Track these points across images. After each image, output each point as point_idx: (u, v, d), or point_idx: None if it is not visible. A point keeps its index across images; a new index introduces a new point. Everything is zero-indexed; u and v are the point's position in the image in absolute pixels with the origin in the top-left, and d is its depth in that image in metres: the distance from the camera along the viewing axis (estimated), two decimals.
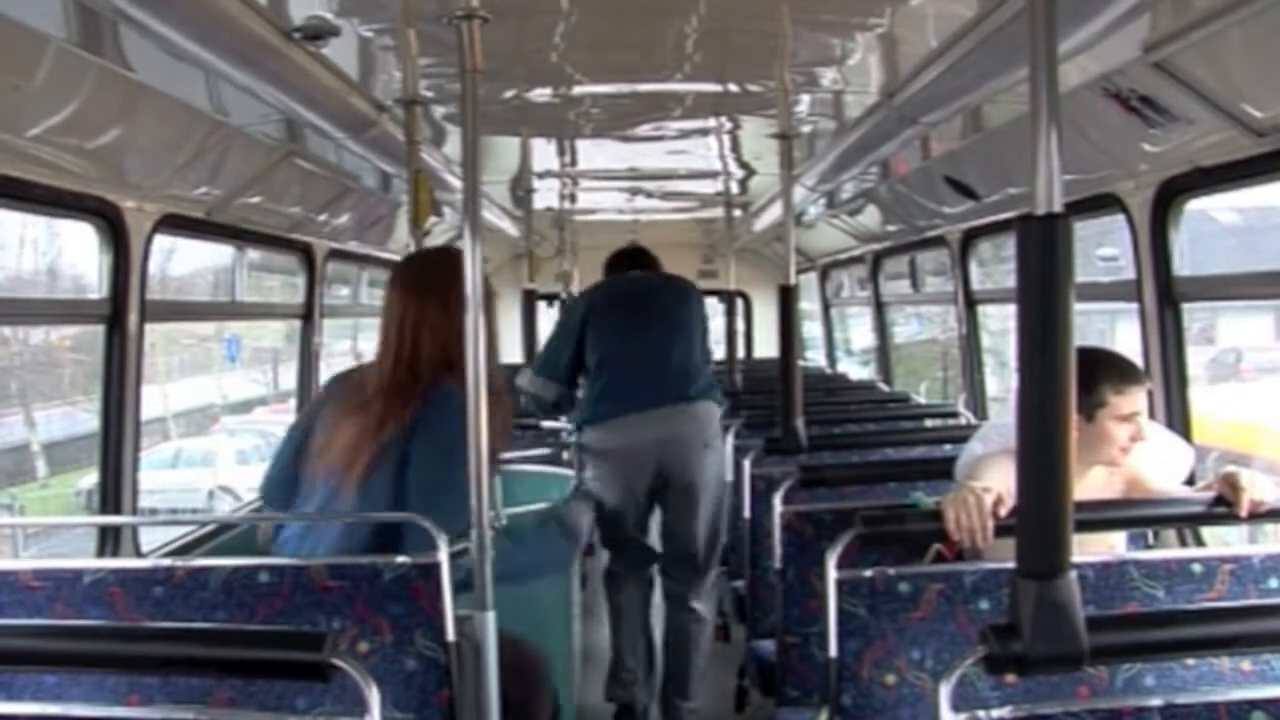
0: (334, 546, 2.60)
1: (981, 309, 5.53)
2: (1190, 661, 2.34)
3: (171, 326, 9.66)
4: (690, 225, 8.48)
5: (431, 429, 2.63)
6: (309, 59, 2.88)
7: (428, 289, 2.75)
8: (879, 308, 7.30)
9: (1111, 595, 2.40)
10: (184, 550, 3.81)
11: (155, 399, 11.91)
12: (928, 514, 2.50)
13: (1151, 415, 2.85)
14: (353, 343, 11.87)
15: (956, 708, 1.81)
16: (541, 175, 5.83)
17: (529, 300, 6.06)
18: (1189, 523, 3.03)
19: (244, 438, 13.58)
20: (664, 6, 2.83)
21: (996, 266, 5.55)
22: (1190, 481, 2.84)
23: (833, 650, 2.40)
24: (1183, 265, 3.33)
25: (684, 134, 4.76)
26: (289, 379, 6.04)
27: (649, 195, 7.12)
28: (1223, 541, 3.13)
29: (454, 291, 2.49)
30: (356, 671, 1.83)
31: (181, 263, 6.10)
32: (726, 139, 4.91)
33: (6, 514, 8.85)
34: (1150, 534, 3.12)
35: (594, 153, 5.32)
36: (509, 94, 3.72)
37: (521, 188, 6.08)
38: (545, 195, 6.59)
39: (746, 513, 3.80)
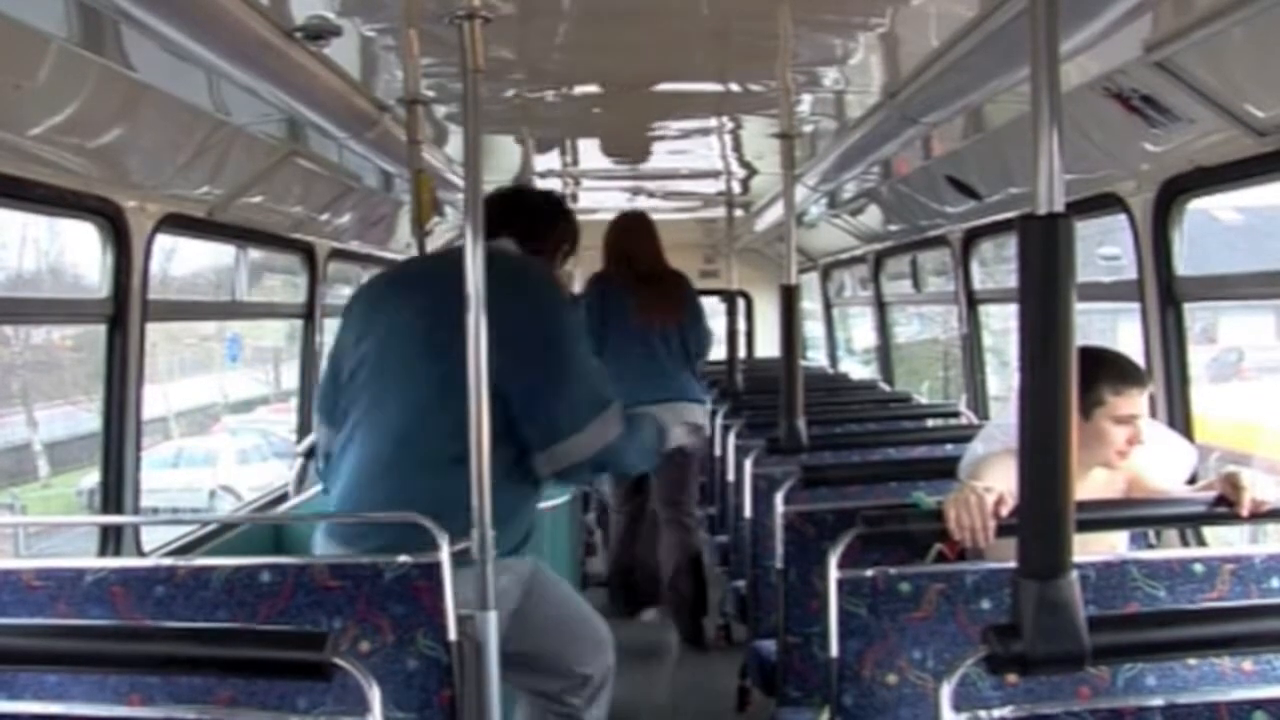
0: None
1: (983, 308, 5.53)
2: (1192, 661, 2.34)
3: (173, 326, 9.66)
4: (692, 225, 8.49)
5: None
6: (310, 58, 2.88)
7: (641, 228, 5.39)
8: (880, 307, 7.30)
9: (1113, 595, 2.40)
10: (185, 550, 3.81)
11: (157, 398, 11.92)
12: (929, 514, 2.50)
13: (1152, 415, 2.85)
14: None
15: (958, 707, 1.81)
16: (543, 175, 5.83)
17: None
18: (1190, 522, 3.03)
19: (245, 437, 13.59)
20: (665, 6, 2.83)
21: (998, 266, 5.55)
22: (1192, 481, 2.84)
23: (834, 650, 2.39)
24: (1181, 264, 3.33)
25: (685, 134, 4.77)
26: (290, 378, 6.04)
27: (650, 195, 7.12)
28: (1224, 541, 3.13)
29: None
30: (358, 671, 1.83)
31: (183, 262, 6.12)
32: (728, 139, 4.92)
33: (8, 513, 8.85)
34: (1152, 534, 3.12)
35: (595, 152, 5.33)
36: (510, 93, 3.72)
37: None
38: None
39: (748, 512, 3.80)
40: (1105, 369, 2.65)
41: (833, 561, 2.40)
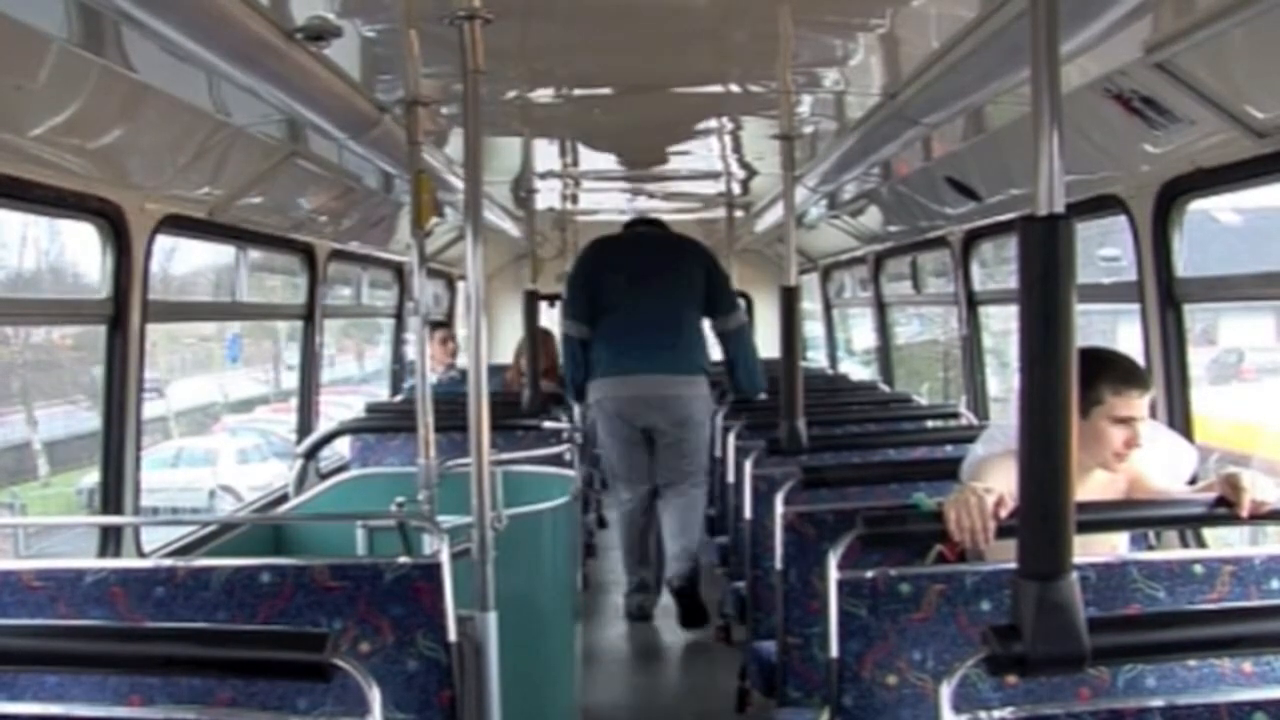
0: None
1: (983, 309, 5.53)
2: (1192, 663, 2.34)
3: (173, 326, 9.68)
4: (692, 226, 8.48)
5: None
6: (311, 59, 2.88)
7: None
8: (880, 308, 7.30)
9: (1113, 596, 2.40)
10: (185, 550, 3.81)
11: (156, 398, 11.93)
12: (929, 515, 2.50)
13: (1152, 415, 2.85)
14: (355, 343, 11.89)
15: (958, 709, 1.81)
16: (543, 176, 5.83)
17: (531, 301, 6.07)
18: (1190, 524, 3.03)
19: (245, 437, 13.59)
20: (665, 7, 2.83)
21: (998, 267, 5.55)
22: (1192, 482, 2.84)
23: (834, 651, 2.40)
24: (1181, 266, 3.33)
25: (686, 134, 4.77)
26: (290, 378, 6.05)
27: (650, 196, 7.12)
28: (1224, 542, 3.13)
29: None
30: (358, 672, 1.83)
31: (183, 262, 6.12)
32: (728, 139, 4.92)
33: (7, 513, 8.86)
34: (1152, 535, 3.11)
35: (595, 153, 5.33)
36: (511, 94, 3.72)
37: (523, 188, 6.08)
38: (547, 196, 6.59)
39: (748, 513, 3.80)
40: (1107, 369, 2.65)
41: (833, 562, 2.40)
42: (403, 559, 2.44)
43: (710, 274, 5.58)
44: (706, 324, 5.69)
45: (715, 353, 6.35)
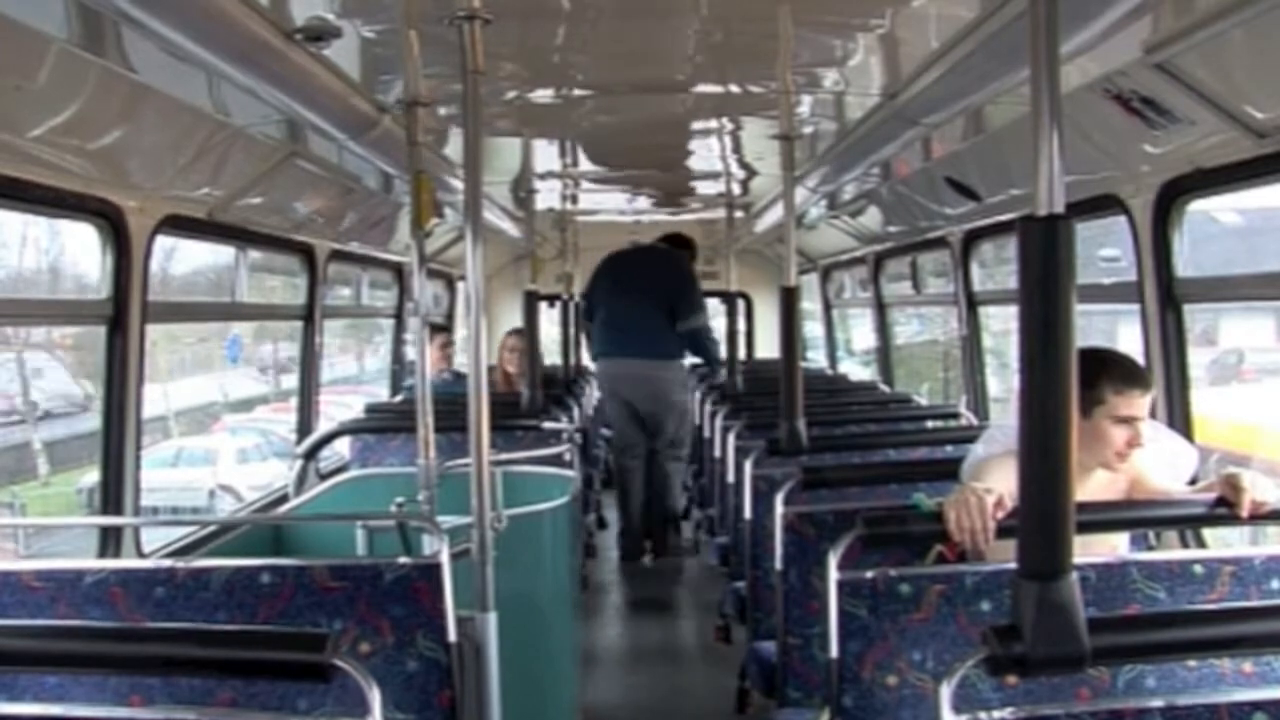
0: None
1: (983, 310, 5.53)
2: (1192, 663, 2.34)
3: (173, 326, 9.68)
4: (691, 226, 8.50)
5: None
6: (310, 60, 2.88)
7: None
8: (880, 309, 7.30)
9: (1113, 596, 2.40)
10: (185, 550, 3.81)
11: (156, 397, 11.93)
12: (929, 515, 2.50)
13: (1152, 416, 2.85)
14: (355, 343, 11.88)
15: (958, 709, 1.82)
16: (543, 176, 5.83)
17: (530, 301, 6.07)
18: (1190, 524, 3.03)
19: (245, 436, 13.59)
20: (665, 7, 2.83)
21: (998, 267, 5.55)
22: (1193, 483, 2.84)
23: (834, 651, 2.40)
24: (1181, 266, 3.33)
25: (686, 135, 4.76)
26: (290, 378, 6.04)
27: (650, 196, 7.13)
28: (1224, 543, 3.13)
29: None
30: (358, 672, 1.83)
31: (183, 262, 6.12)
32: (728, 140, 4.92)
33: (7, 513, 8.86)
34: (1152, 535, 3.11)
35: (595, 154, 5.33)
36: (510, 95, 3.72)
37: (523, 189, 6.08)
38: (547, 196, 6.59)
39: (748, 514, 3.80)
40: (1109, 368, 2.66)
41: (833, 563, 2.41)
42: (403, 559, 2.45)
43: (680, 288, 7.00)
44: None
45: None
